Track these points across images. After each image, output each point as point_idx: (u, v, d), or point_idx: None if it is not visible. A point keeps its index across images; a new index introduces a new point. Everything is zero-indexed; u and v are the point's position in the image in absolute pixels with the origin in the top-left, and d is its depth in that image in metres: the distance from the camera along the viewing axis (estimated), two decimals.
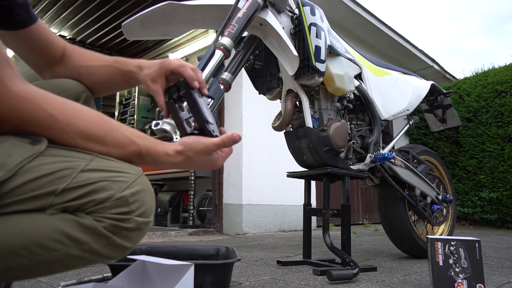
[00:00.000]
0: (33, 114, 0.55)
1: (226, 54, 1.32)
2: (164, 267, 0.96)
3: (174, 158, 0.68)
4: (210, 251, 1.44)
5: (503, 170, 4.79)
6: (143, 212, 0.58)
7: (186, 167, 0.72)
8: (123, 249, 0.57)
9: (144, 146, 0.64)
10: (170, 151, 0.68)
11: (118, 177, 0.57)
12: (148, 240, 2.96)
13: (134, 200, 0.57)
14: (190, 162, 0.70)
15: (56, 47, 0.83)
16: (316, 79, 1.59)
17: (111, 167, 0.58)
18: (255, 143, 3.66)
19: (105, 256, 0.57)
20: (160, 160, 0.67)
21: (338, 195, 4.28)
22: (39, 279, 1.40)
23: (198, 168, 0.74)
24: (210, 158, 0.73)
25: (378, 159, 1.78)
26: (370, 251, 2.33)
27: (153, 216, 0.62)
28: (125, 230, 0.56)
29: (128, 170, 0.59)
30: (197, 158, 0.71)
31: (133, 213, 0.56)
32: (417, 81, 2.19)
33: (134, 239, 0.58)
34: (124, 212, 0.56)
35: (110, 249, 0.56)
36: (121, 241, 0.56)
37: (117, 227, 0.55)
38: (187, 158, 0.69)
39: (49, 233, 0.52)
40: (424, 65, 6.31)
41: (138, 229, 0.57)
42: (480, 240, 1.24)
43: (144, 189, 0.59)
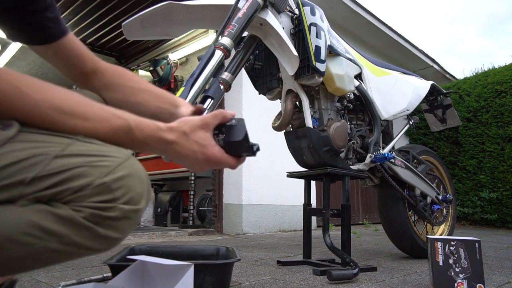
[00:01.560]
0: (2, 92, 0.50)
1: (226, 54, 1.32)
2: (164, 267, 0.96)
3: (167, 134, 0.62)
4: (210, 251, 1.44)
5: (503, 170, 4.79)
6: (130, 199, 0.53)
7: (181, 152, 0.64)
8: (111, 240, 0.53)
9: (133, 120, 0.59)
10: (162, 126, 0.62)
11: (100, 162, 0.52)
12: (148, 240, 2.96)
13: (118, 186, 0.52)
14: (186, 141, 0.64)
15: (87, 61, 0.81)
16: (316, 79, 1.59)
17: (93, 151, 0.53)
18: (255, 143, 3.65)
19: (90, 249, 0.52)
20: (152, 137, 0.60)
21: (338, 195, 4.28)
22: (39, 279, 1.40)
23: (195, 155, 0.65)
24: (208, 136, 0.66)
25: (378, 159, 1.78)
26: (370, 251, 2.33)
27: (146, 203, 0.56)
28: (109, 220, 0.51)
29: (113, 153, 0.54)
30: (194, 135, 0.64)
31: (118, 201, 0.51)
32: (417, 81, 2.19)
33: (122, 229, 0.53)
34: (107, 200, 0.51)
35: (95, 241, 0.51)
36: (106, 232, 0.51)
37: (99, 217, 0.50)
38: (182, 135, 0.63)
39: (21, 226, 0.47)
40: (424, 65, 6.31)
41: (126, 217, 0.52)
42: (480, 240, 1.24)
43: (131, 174, 0.54)
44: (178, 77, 5.10)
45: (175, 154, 0.64)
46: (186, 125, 0.64)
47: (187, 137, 0.64)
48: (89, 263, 1.78)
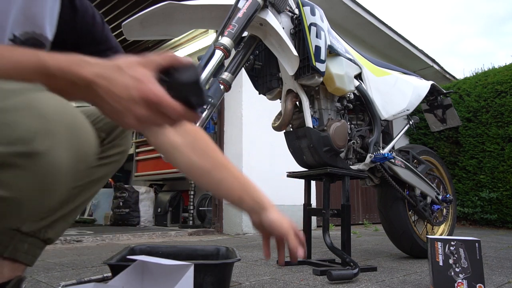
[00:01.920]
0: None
1: (226, 54, 1.32)
2: (164, 267, 0.96)
3: (94, 65, 0.48)
4: (210, 251, 1.44)
5: (503, 170, 4.79)
6: (13, 138, 0.39)
7: (110, 89, 0.48)
8: (1, 201, 0.40)
9: (48, 56, 0.46)
10: (89, 58, 0.49)
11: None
12: (148, 240, 2.96)
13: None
14: (119, 75, 0.49)
15: None
16: (316, 79, 1.59)
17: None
18: (255, 143, 3.66)
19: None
20: (73, 72, 0.46)
21: (338, 195, 4.28)
22: (39, 279, 1.40)
23: (128, 92, 0.48)
24: (148, 74, 0.50)
25: (378, 159, 1.78)
26: (370, 251, 2.33)
27: (51, 145, 0.40)
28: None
29: (4, 86, 0.42)
30: (130, 70, 0.50)
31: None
32: (417, 81, 2.19)
33: (10, 183, 0.39)
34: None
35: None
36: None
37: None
38: (115, 68, 0.49)
39: None
40: (424, 65, 6.31)
41: (9, 165, 0.39)
42: (480, 240, 1.24)
43: (19, 106, 0.40)
44: None
45: (103, 92, 0.48)
46: (121, 60, 0.51)
47: (121, 72, 0.49)
48: (89, 263, 1.78)
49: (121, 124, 0.51)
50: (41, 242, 0.81)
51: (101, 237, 2.83)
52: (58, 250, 2.24)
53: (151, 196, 4.51)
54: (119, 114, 0.49)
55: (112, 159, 0.90)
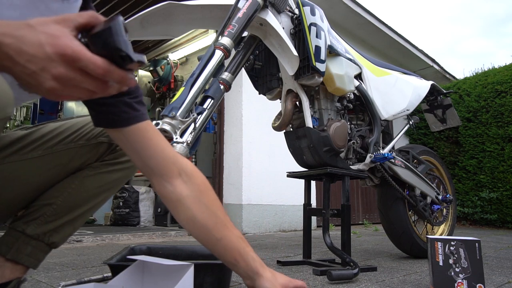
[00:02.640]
0: None
1: (226, 54, 1.32)
2: (164, 267, 0.96)
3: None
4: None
5: (503, 170, 4.79)
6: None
7: (20, 48, 0.42)
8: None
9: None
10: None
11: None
12: (148, 240, 2.96)
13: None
14: (29, 32, 0.43)
15: (166, 159, 0.75)
16: (316, 79, 1.59)
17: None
18: (255, 143, 3.66)
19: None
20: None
21: (338, 195, 4.28)
22: (39, 279, 1.40)
23: (42, 48, 0.43)
24: (64, 30, 0.44)
25: (378, 159, 1.78)
26: (370, 251, 2.33)
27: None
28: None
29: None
30: (43, 27, 0.44)
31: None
32: (417, 81, 2.19)
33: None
34: None
35: None
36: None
37: None
38: (24, 26, 0.43)
39: None
40: (424, 65, 6.31)
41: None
42: (480, 240, 1.24)
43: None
44: (178, 77, 5.10)
45: (13, 53, 0.42)
46: (33, 19, 0.44)
47: (32, 29, 0.43)
48: (89, 263, 1.78)
49: (40, 90, 0.45)
50: (45, 246, 0.81)
51: (101, 237, 2.83)
52: (58, 250, 2.24)
53: (151, 196, 4.51)
54: (35, 77, 0.43)
55: (125, 165, 0.88)
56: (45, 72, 0.43)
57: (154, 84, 5.16)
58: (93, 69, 0.44)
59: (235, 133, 3.65)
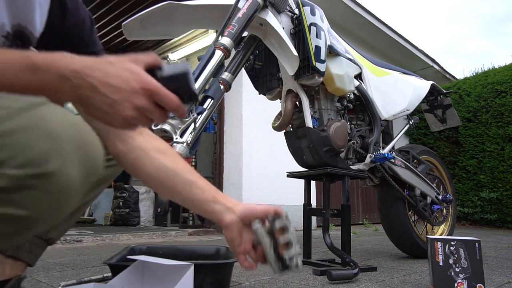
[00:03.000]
0: None
1: (226, 54, 1.32)
2: (164, 267, 0.96)
3: (82, 59, 0.47)
4: (210, 251, 1.45)
5: (503, 170, 4.79)
6: (25, 161, 0.38)
7: (107, 81, 0.47)
8: (17, 220, 0.40)
9: (33, 53, 0.46)
10: (75, 55, 0.48)
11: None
12: (148, 240, 2.96)
13: (0, 145, 0.38)
14: (113, 68, 0.48)
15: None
16: (316, 79, 1.59)
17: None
18: (255, 143, 3.66)
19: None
20: (60, 64, 0.45)
21: (338, 195, 4.28)
22: (39, 279, 1.40)
23: (128, 83, 0.48)
24: (139, 68, 0.51)
25: (378, 159, 1.78)
26: (370, 251, 2.33)
27: (62, 164, 0.40)
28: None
29: (8, 103, 0.40)
30: (122, 64, 0.50)
31: (5, 165, 0.38)
32: (417, 81, 2.19)
33: (27, 203, 0.39)
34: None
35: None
36: (2, 210, 0.39)
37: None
38: (105, 63, 0.49)
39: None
40: (424, 65, 6.31)
41: (25, 187, 0.39)
42: (480, 240, 1.24)
43: (27, 127, 0.39)
44: None
45: (98, 84, 0.47)
46: (110, 57, 0.50)
47: (113, 65, 0.49)
48: (89, 263, 1.78)
49: (114, 118, 0.49)
50: (43, 242, 0.81)
51: (101, 237, 2.83)
52: (58, 250, 2.24)
53: (151, 196, 4.51)
54: (115, 106, 0.48)
55: (114, 162, 0.89)
56: (127, 103, 0.48)
57: None
58: (168, 103, 0.51)
59: (235, 133, 3.65)
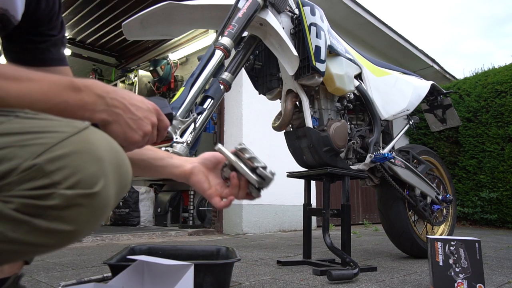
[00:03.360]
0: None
1: (226, 54, 1.32)
2: (164, 267, 0.96)
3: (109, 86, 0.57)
4: (210, 251, 1.44)
5: (503, 170, 4.79)
6: (76, 182, 0.43)
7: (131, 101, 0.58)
8: (63, 234, 0.44)
9: (73, 78, 0.53)
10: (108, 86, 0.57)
11: (33, 140, 0.43)
12: (148, 240, 2.96)
13: (56, 167, 0.42)
14: (127, 91, 0.59)
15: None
16: (316, 79, 1.59)
17: (29, 128, 0.44)
18: (255, 143, 3.66)
19: (39, 245, 0.43)
20: (94, 83, 0.54)
21: (338, 195, 4.28)
22: (39, 279, 1.40)
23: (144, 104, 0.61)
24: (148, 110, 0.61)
25: (378, 159, 1.78)
26: (370, 251, 2.33)
27: (104, 184, 0.45)
28: (51, 210, 0.42)
29: (58, 128, 0.45)
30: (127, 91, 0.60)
31: (59, 185, 0.42)
32: (417, 81, 2.19)
33: (73, 220, 0.44)
34: (42, 185, 0.42)
35: (40, 236, 0.43)
36: (50, 225, 0.42)
37: (35, 207, 0.41)
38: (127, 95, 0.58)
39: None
40: (424, 65, 6.31)
41: (74, 205, 0.43)
42: (480, 240, 1.24)
43: (78, 151, 0.44)
44: (178, 77, 5.10)
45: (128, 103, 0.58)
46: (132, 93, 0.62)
47: (125, 90, 0.61)
48: (89, 263, 1.78)
49: (136, 133, 0.59)
50: None
51: (101, 237, 2.83)
52: (58, 250, 2.24)
53: (151, 196, 4.51)
54: (139, 122, 0.59)
55: None
56: (146, 119, 0.60)
57: (154, 84, 5.15)
58: (165, 123, 0.65)
59: (235, 133, 3.65)
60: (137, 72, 5.31)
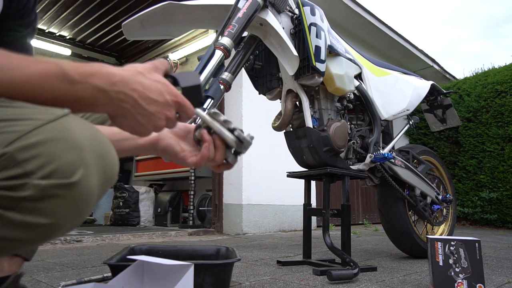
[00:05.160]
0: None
1: (226, 54, 1.32)
2: (164, 267, 0.96)
3: (119, 72, 0.49)
4: (210, 251, 1.44)
5: (503, 170, 4.79)
6: (51, 171, 0.40)
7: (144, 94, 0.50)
8: (39, 227, 0.41)
9: (64, 62, 0.45)
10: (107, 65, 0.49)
11: (5, 128, 0.40)
12: (148, 240, 2.96)
13: (29, 156, 0.39)
14: (146, 79, 0.51)
15: None
16: (316, 79, 1.59)
17: (1, 116, 0.41)
18: (255, 143, 3.61)
19: (15, 240, 0.41)
20: (97, 73, 0.46)
21: (338, 195, 4.28)
22: (39, 279, 1.40)
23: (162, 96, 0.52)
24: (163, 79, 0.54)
25: (378, 159, 1.78)
26: (370, 251, 2.33)
27: (84, 174, 0.42)
28: (24, 201, 0.39)
29: (33, 115, 0.42)
30: (152, 75, 0.52)
31: (32, 175, 0.39)
32: (417, 81, 2.19)
33: (50, 212, 0.41)
34: (14, 175, 0.39)
35: (14, 229, 0.40)
36: (24, 217, 0.39)
37: (7, 199, 0.39)
38: (138, 73, 0.51)
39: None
40: (424, 65, 6.31)
41: (50, 196, 0.40)
42: (480, 240, 1.24)
43: (54, 138, 0.41)
44: None
45: (138, 97, 0.50)
46: (137, 66, 0.52)
47: (145, 77, 0.51)
48: (89, 263, 1.78)
49: (146, 128, 0.52)
50: None
51: (101, 237, 2.83)
52: (58, 250, 2.24)
53: (151, 196, 4.51)
54: (150, 117, 0.51)
55: None
56: (160, 114, 0.52)
57: None
58: (188, 113, 0.56)
59: None
60: None
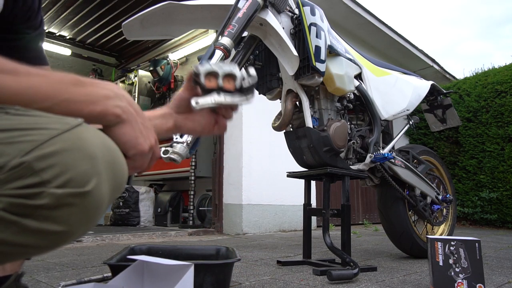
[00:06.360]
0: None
1: (226, 54, 1.32)
2: (164, 267, 0.96)
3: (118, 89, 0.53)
4: (210, 251, 1.45)
5: (503, 170, 4.79)
6: (67, 180, 0.41)
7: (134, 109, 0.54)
8: (54, 235, 0.42)
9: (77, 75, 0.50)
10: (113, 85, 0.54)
11: (22, 137, 0.41)
12: (148, 240, 2.96)
13: (46, 165, 0.40)
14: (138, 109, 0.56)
15: None
16: (316, 79, 1.59)
17: (18, 125, 0.42)
18: (255, 143, 3.66)
19: (29, 246, 0.42)
20: (101, 85, 0.51)
21: (338, 195, 4.28)
22: (39, 279, 1.40)
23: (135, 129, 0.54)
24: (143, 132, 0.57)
25: (378, 159, 1.78)
26: (370, 251, 2.33)
27: (97, 183, 0.44)
28: (41, 209, 0.40)
29: (49, 125, 0.43)
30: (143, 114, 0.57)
31: (48, 184, 0.40)
32: (417, 81, 2.19)
33: (64, 219, 0.42)
34: (31, 184, 0.40)
35: (29, 236, 0.41)
36: (40, 225, 0.41)
37: (24, 207, 0.40)
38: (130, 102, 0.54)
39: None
40: (424, 65, 6.31)
41: (65, 205, 0.41)
42: (480, 240, 1.24)
43: (69, 148, 0.42)
44: (178, 77, 5.10)
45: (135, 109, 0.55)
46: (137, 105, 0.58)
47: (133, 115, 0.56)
48: (89, 263, 1.78)
49: (145, 143, 0.55)
50: None
51: (101, 237, 2.83)
52: (58, 250, 2.24)
53: (151, 196, 4.51)
54: (146, 132, 0.56)
55: None
56: (151, 134, 0.57)
57: (154, 84, 5.15)
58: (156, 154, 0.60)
59: (235, 133, 3.65)
60: (137, 72, 5.31)
